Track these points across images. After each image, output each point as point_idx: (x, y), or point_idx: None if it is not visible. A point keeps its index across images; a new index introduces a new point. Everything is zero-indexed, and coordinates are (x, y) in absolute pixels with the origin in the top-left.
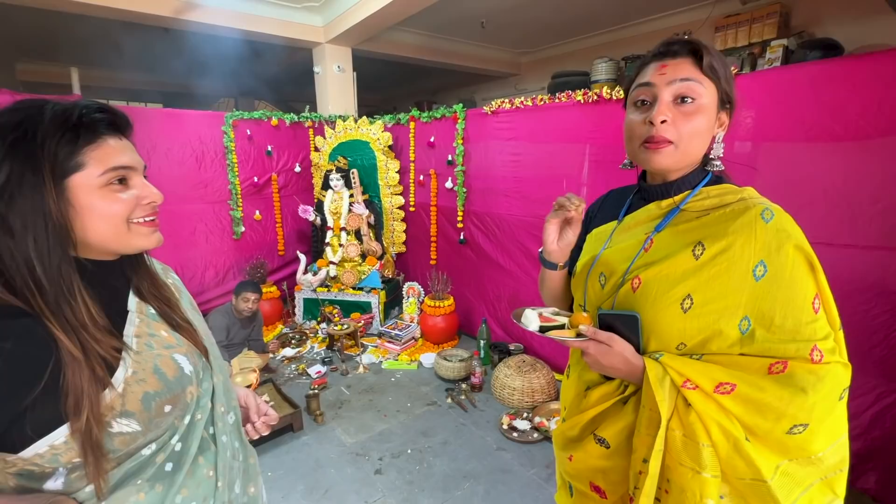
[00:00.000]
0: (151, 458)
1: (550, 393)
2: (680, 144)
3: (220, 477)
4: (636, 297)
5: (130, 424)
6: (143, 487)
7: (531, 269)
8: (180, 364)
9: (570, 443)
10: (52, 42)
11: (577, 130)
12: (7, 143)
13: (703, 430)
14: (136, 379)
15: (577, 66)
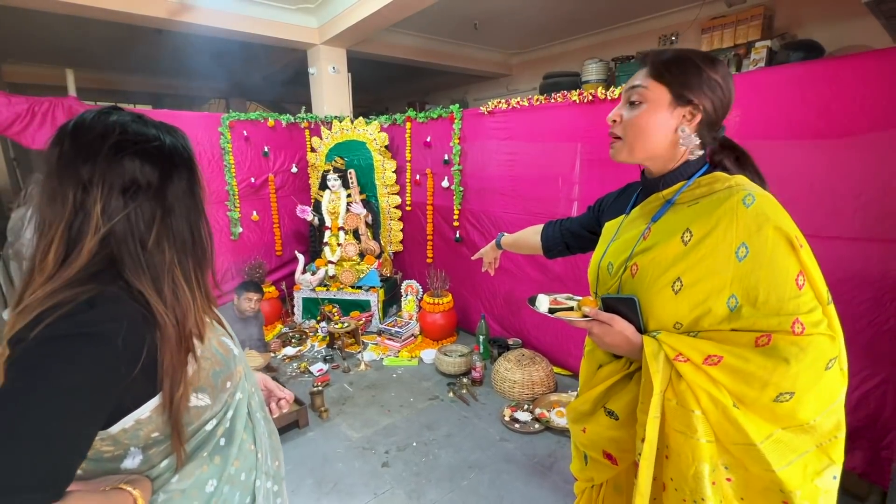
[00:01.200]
0: (213, 432)
1: (550, 385)
2: (626, 139)
3: (259, 449)
4: (635, 282)
5: (203, 398)
6: (206, 461)
7: (527, 267)
8: (229, 346)
9: (582, 416)
10: (42, 43)
11: (571, 130)
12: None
13: (692, 398)
14: (204, 357)
15: (567, 66)
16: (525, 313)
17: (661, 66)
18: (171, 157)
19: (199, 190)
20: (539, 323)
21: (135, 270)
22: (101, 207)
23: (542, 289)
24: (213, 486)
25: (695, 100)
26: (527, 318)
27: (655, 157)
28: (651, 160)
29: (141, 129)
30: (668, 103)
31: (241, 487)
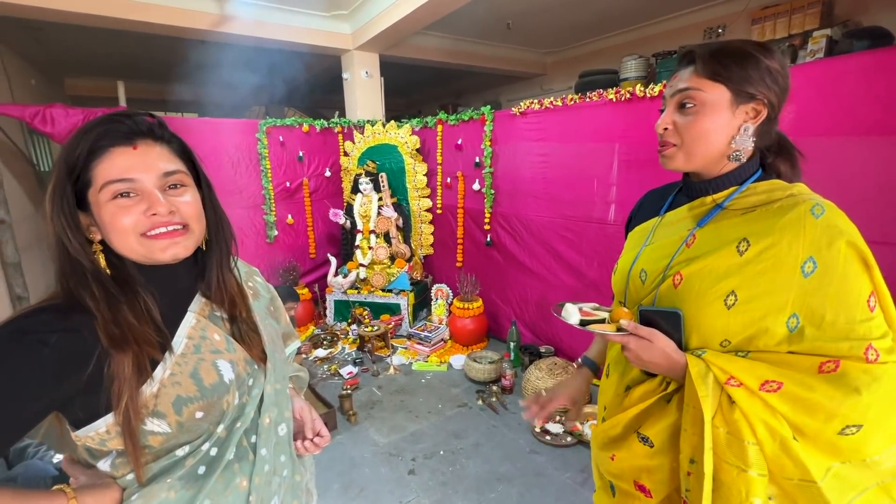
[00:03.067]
0: (183, 459)
1: None
2: (683, 146)
3: (255, 490)
4: (678, 293)
5: (161, 426)
6: (175, 486)
7: (559, 272)
8: (221, 371)
9: (611, 442)
10: (98, 57)
11: (607, 130)
12: (59, 157)
13: (748, 428)
14: (172, 381)
15: (604, 64)
16: (558, 322)
17: (712, 62)
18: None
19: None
20: (573, 331)
21: (80, 288)
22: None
23: (576, 296)
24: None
25: (758, 94)
26: (560, 325)
27: (712, 163)
28: (706, 166)
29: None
30: (729, 103)
31: None
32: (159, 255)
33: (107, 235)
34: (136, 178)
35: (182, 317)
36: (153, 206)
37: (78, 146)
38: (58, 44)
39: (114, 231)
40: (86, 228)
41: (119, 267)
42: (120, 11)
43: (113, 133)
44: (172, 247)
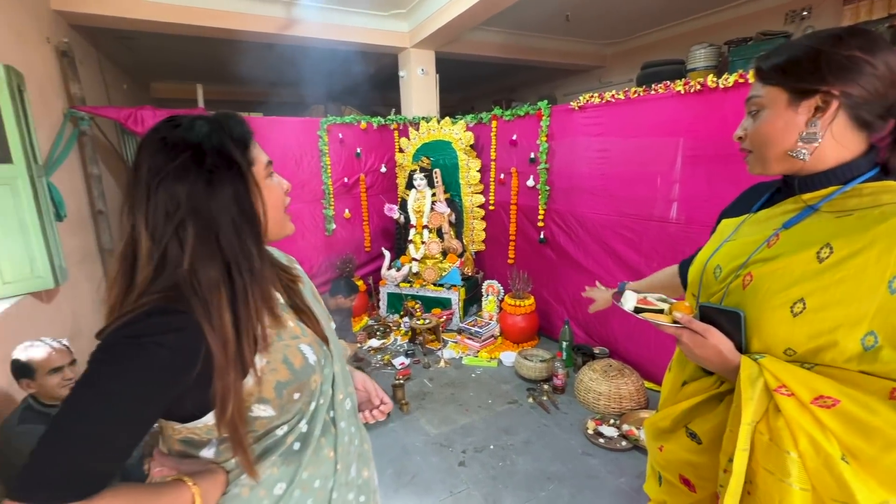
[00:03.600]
0: (283, 438)
1: (640, 401)
2: (755, 152)
3: (340, 459)
4: (745, 294)
5: (266, 410)
6: (277, 462)
7: (615, 271)
8: (305, 354)
9: (661, 433)
10: (179, 63)
11: (672, 123)
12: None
13: (789, 438)
14: (269, 368)
15: (669, 54)
16: (613, 322)
17: (764, 66)
18: (203, 162)
19: (245, 190)
20: (630, 332)
21: (187, 293)
22: (147, 235)
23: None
24: (283, 489)
25: (820, 88)
26: (616, 326)
27: (797, 165)
28: (793, 169)
29: (176, 137)
30: (787, 103)
31: (313, 495)
32: (289, 228)
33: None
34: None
35: None
36: (286, 185)
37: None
38: (146, 52)
39: (271, 205)
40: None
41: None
42: (199, 19)
43: (247, 128)
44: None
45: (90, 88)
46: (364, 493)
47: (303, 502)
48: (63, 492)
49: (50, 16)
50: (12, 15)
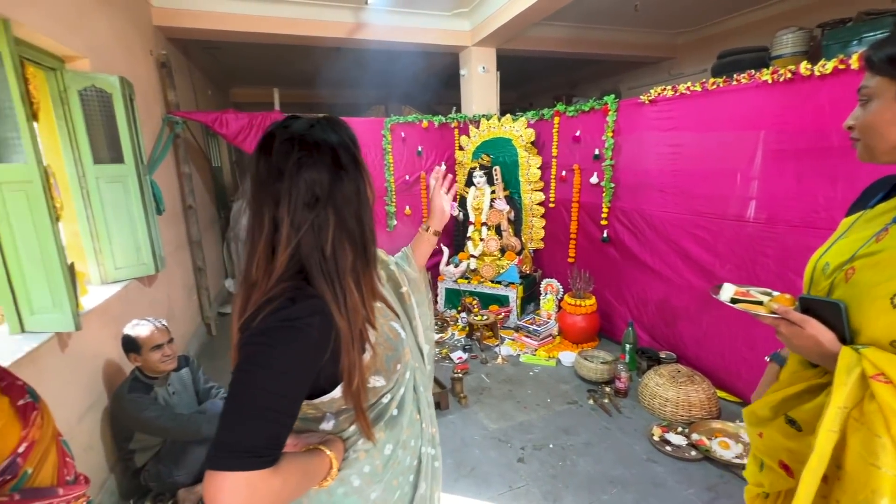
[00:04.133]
0: (388, 405)
1: (711, 410)
2: (863, 140)
3: (424, 419)
4: (847, 287)
5: (379, 380)
6: (383, 428)
7: (686, 272)
8: (398, 331)
9: (759, 421)
10: (257, 69)
11: (755, 115)
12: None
13: (881, 422)
14: (378, 343)
15: (748, 41)
16: (682, 326)
17: (874, 60)
18: (339, 160)
19: (363, 185)
20: (700, 338)
21: (317, 277)
22: (289, 222)
23: (705, 298)
24: (390, 449)
25: None
26: (684, 331)
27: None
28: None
29: (315, 136)
30: (894, 93)
31: (410, 452)
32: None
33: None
34: None
35: None
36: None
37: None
38: (228, 60)
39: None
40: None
41: None
42: (276, 28)
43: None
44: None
45: (182, 95)
46: (434, 446)
47: (404, 460)
48: (255, 458)
49: (152, 31)
50: (123, 32)
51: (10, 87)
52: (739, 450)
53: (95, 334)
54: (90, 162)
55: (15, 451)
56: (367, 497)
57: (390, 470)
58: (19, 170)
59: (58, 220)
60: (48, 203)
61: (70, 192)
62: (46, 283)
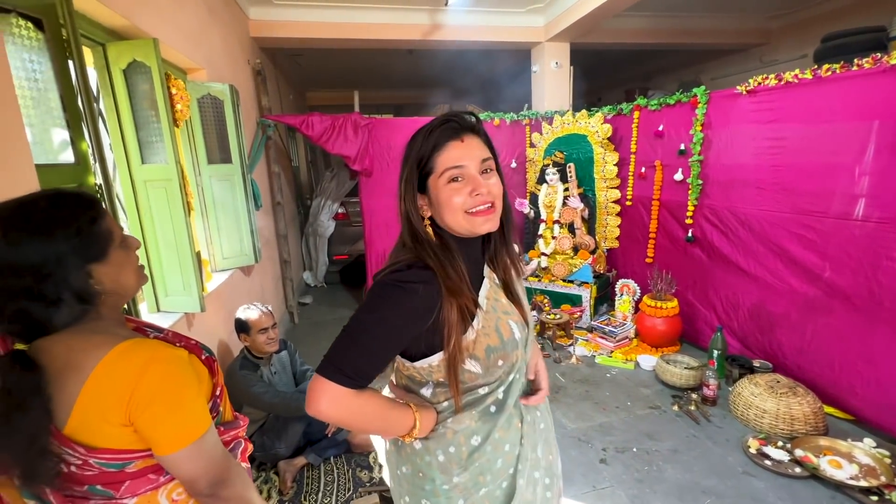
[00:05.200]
0: (483, 398)
1: (818, 426)
2: None
3: (525, 434)
4: None
5: (475, 367)
6: (475, 417)
7: (786, 276)
8: (513, 329)
9: None
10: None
11: (867, 104)
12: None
13: None
14: (483, 332)
15: (857, 22)
16: (780, 334)
17: None
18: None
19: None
20: (804, 347)
21: (429, 253)
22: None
23: (809, 304)
24: (478, 441)
25: None
26: (783, 339)
27: None
28: None
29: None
30: None
31: (503, 456)
32: (479, 229)
33: (439, 212)
34: (465, 164)
35: (480, 281)
36: (477, 187)
37: (423, 144)
38: (309, 65)
39: (448, 208)
40: (420, 207)
41: (441, 237)
42: (357, 34)
43: (448, 131)
44: (487, 223)
45: (271, 100)
46: (549, 475)
47: (493, 458)
48: (344, 377)
49: (249, 42)
50: (230, 44)
51: (157, 97)
52: (854, 470)
53: (212, 317)
54: (205, 162)
55: (214, 394)
56: (450, 477)
57: (476, 462)
58: (161, 169)
59: (189, 213)
60: (183, 198)
61: (190, 189)
62: (179, 269)
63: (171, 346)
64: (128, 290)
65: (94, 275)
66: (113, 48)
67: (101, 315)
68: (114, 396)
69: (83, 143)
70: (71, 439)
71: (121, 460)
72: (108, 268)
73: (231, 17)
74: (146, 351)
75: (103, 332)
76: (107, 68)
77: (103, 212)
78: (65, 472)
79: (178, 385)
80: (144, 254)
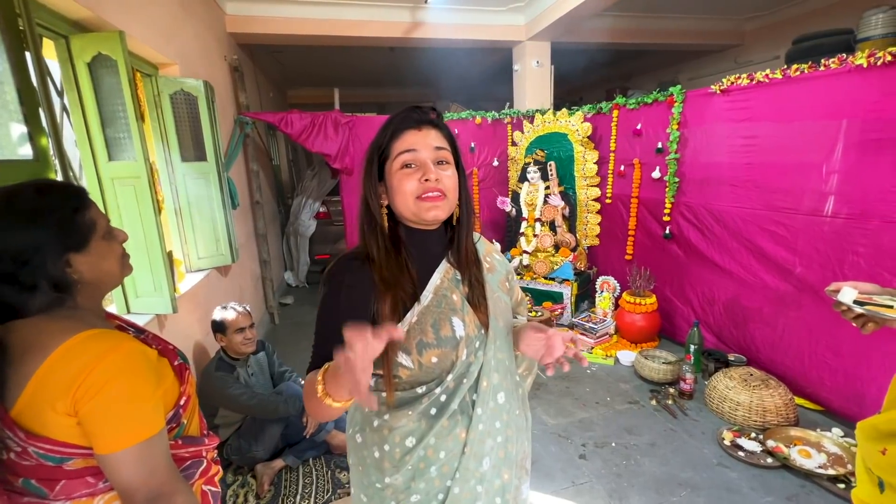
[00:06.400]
0: (420, 397)
1: (788, 417)
2: None
3: (470, 444)
4: None
5: (407, 361)
6: (413, 418)
7: (760, 272)
8: (454, 327)
9: (883, 436)
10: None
11: (836, 103)
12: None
13: None
14: (417, 326)
15: (826, 25)
16: (753, 328)
17: None
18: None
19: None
20: (775, 341)
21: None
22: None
23: (781, 299)
24: (412, 443)
25: None
26: (756, 333)
27: None
28: None
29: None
30: None
31: (438, 464)
32: (425, 215)
33: (393, 197)
34: (417, 149)
35: (430, 276)
36: (426, 173)
37: (386, 131)
38: (290, 62)
39: (399, 193)
40: (379, 195)
41: (393, 228)
42: (337, 30)
43: (407, 121)
44: (434, 209)
45: (250, 97)
46: (500, 495)
47: (427, 465)
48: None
49: (226, 37)
50: (204, 40)
51: (123, 93)
52: (823, 459)
53: (186, 317)
54: (178, 159)
55: (178, 403)
56: (383, 475)
57: (408, 464)
58: (129, 167)
59: (159, 212)
60: (153, 196)
61: (160, 187)
62: (150, 269)
63: (141, 343)
64: (110, 279)
65: (73, 264)
66: (77, 41)
67: (78, 304)
68: (64, 382)
69: (42, 139)
70: (15, 422)
71: (59, 454)
72: (89, 257)
73: (206, 12)
74: (109, 340)
75: (76, 319)
76: (70, 62)
77: (88, 203)
78: (5, 458)
79: (134, 379)
80: None
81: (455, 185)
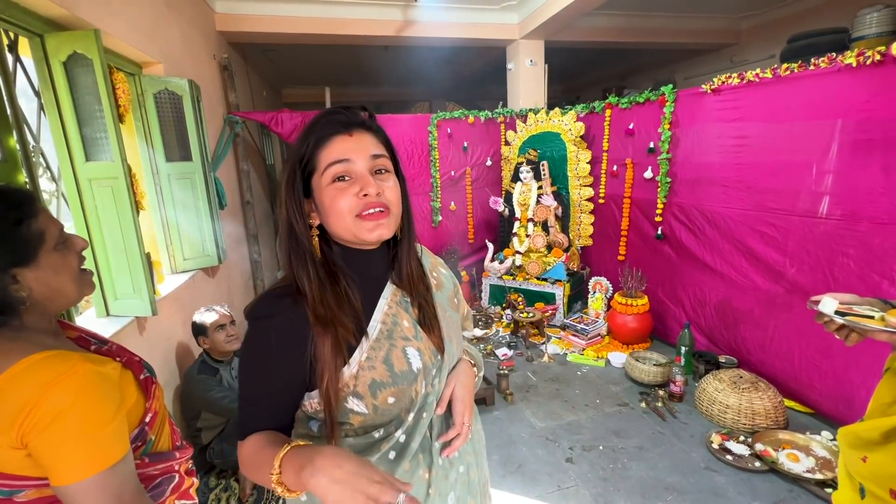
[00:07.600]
0: (379, 442)
1: (778, 420)
2: None
3: (433, 483)
4: None
5: (359, 406)
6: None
7: (751, 273)
8: (409, 359)
9: (864, 444)
10: (309, 70)
11: (830, 103)
12: (293, 150)
13: None
14: (368, 364)
15: (822, 23)
16: (744, 329)
17: None
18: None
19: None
20: (766, 343)
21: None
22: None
23: (771, 300)
24: None
25: None
26: (747, 334)
27: None
28: None
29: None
30: None
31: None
32: (366, 235)
33: (325, 218)
34: (351, 158)
35: (376, 303)
36: (365, 186)
37: (307, 138)
38: (283, 61)
39: (333, 212)
40: (307, 214)
41: (327, 253)
42: (328, 28)
43: (334, 124)
44: (377, 229)
45: (241, 96)
46: None
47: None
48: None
49: (215, 36)
50: (191, 38)
51: (100, 92)
52: (811, 463)
53: (168, 319)
54: (163, 160)
55: (143, 420)
56: None
57: None
58: (107, 167)
59: (138, 213)
60: (131, 198)
61: (145, 187)
62: (128, 271)
63: (98, 361)
64: (63, 296)
65: (21, 280)
66: (52, 39)
67: (25, 324)
68: (8, 415)
69: (10, 140)
70: None
71: (8, 487)
72: (39, 272)
73: (193, 10)
74: (60, 364)
75: (22, 341)
76: (46, 60)
77: (33, 211)
78: None
79: (91, 405)
80: (91, 255)
81: (398, 196)
